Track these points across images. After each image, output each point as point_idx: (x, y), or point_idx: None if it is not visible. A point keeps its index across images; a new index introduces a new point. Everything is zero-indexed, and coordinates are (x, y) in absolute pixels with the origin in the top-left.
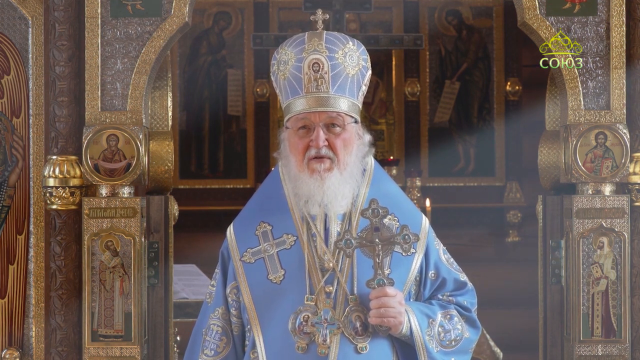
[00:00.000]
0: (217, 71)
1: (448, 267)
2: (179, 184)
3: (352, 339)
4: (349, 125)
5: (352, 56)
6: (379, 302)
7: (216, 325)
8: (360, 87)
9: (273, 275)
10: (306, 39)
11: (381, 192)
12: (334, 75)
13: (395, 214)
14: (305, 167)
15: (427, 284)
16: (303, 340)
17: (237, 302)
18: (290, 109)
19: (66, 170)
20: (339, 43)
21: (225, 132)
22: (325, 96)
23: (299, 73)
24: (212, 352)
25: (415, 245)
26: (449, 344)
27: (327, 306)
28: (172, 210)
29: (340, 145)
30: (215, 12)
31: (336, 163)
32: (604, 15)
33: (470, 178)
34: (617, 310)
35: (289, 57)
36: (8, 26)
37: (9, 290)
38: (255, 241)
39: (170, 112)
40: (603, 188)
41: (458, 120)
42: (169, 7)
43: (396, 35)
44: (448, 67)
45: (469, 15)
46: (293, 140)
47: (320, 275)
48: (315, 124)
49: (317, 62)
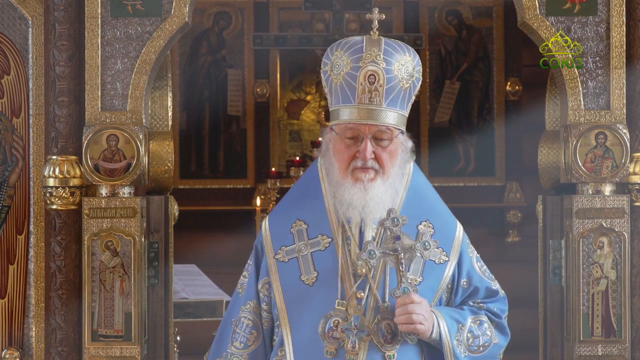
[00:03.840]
0: (217, 71)
1: (480, 275)
2: (179, 184)
3: (380, 346)
4: (397, 137)
5: (407, 68)
6: (405, 309)
7: (247, 319)
8: (411, 98)
9: (306, 277)
10: (365, 47)
11: (417, 197)
12: (388, 88)
13: (430, 220)
14: (349, 175)
15: (458, 292)
16: (332, 345)
17: (269, 298)
18: (340, 115)
19: (66, 170)
20: (397, 54)
21: (225, 132)
22: (377, 109)
23: (353, 82)
24: (241, 344)
25: (448, 254)
26: (477, 350)
27: (357, 312)
28: (172, 210)
29: (386, 158)
30: (215, 12)
31: (380, 174)
32: (604, 15)
33: (470, 178)
34: (617, 310)
35: (345, 63)
36: (8, 26)
37: (9, 290)
38: (290, 239)
39: (170, 112)
40: (603, 188)
41: (458, 120)
42: (169, 7)
43: (396, 35)
44: (448, 67)
45: (469, 15)
46: (339, 147)
47: (352, 280)
48: (364, 135)
49: (374, 74)
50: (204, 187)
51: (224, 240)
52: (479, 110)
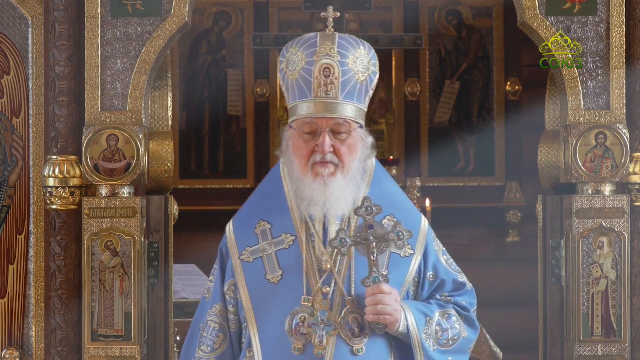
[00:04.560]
0: (217, 71)
1: (447, 268)
2: (179, 184)
3: (348, 340)
4: (355, 131)
5: (362, 61)
6: (374, 299)
7: (213, 322)
8: (368, 92)
9: (271, 275)
10: (318, 41)
11: (381, 192)
12: (344, 81)
13: (394, 214)
14: (309, 170)
15: (425, 286)
16: (299, 341)
17: (235, 300)
18: (297, 111)
19: (66, 170)
20: (351, 48)
21: (225, 132)
22: (333, 102)
23: (309, 76)
24: (208, 348)
25: (413, 247)
26: (447, 343)
27: (324, 307)
28: (172, 210)
29: (345, 151)
30: (215, 12)
31: (340, 168)
32: (604, 15)
33: (470, 178)
34: (617, 310)
35: (300, 59)
36: (8, 26)
37: (9, 290)
38: (254, 240)
39: (170, 112)
40: (603, 188)
41: (458, 120)
42: (169, 7)
43: (396, 35)
44: (448, 67)
45: (469, 15)
46: (298, 143)
47: (317, 276)
48: (322, 129)
49: (329, 67)
50: (204, 187)
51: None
52: (479, 110)
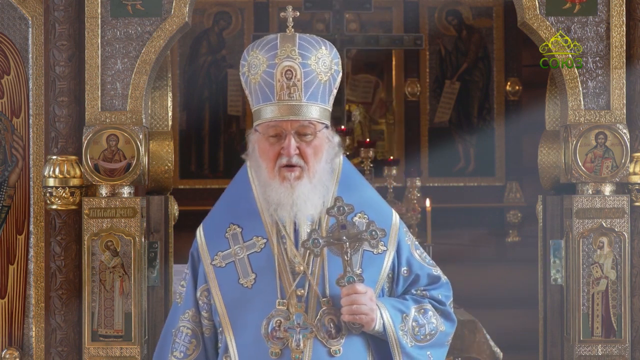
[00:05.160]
0: (217, 71)
1: (420, 262)
2: (179, 184)
3: (325, 342)
4: (320, 132)
5: (324, 61)
6: (350, 300)
7: (186, 328)
8: (332, 91)
9: (244, 280)
10: (279, 43)
11: (350, 191)
12: (307, 82)
13: (365, 211)
14: (276, 174)
15: (399, 281)
16: (276, 345)
17: (209, 305)
18: (261, 114)
19: (66, 170)
20: (312, 48)
21: (225, 132)
22: (297, 104)
23: (270, 79)
24: (181, 354)
25: (386, 243)
26: (424, 338)
27: (299, 310)
28: (172, 210)
29: (310, 153)
30: (215, 12)
31: (306, 171)
32: (604, 15)
33: (470, 178)
34: (617, 310)
35: (260, 62)
36: (8, 26)
37: (9, 290)
38: (225, 244)
39: (170, 112)
40: (603, 188)
41: (458, 120)
42: (169, 7)
43: (396, 35)
44: (448, 67)
45: (469, 15)
46: (263, 147)
47: (291, 278)
48: (287, 132)
49: (290, 69)
50: (204, 187)
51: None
52: (479, 110)
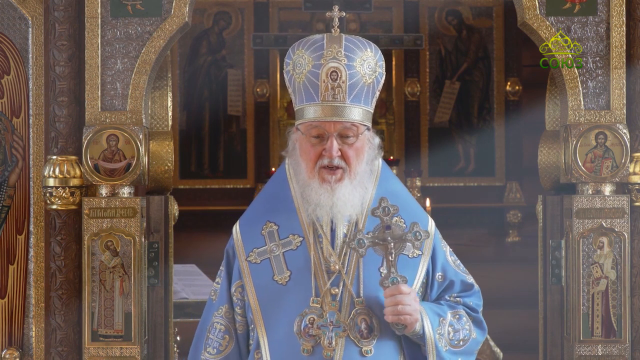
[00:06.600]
0: (217, 71)
1: (455, 269)
2: (179, 184)
3: (357, 341)
4: (362, 134)
5: (369, 64)
6: (394, 300)
7: (219, 324)
8: (375, 93)
9: (279, 276)
10: (325, 44)
11: (387, 193)
12: (351, 84)
13: (401, 215)
14: (316, 174)
15: (434, 286)
16: (308, 342)
17: (242, 301)
18: (304, 114)
19: (66, 170)
20: (358, 50)
21: (225, 132)
22: (341, 106)
23: (316, 80)
24: (214, 350)
25: (421, 248)
26: (458, 344)
27: (332, 309)
28: (172, 210)
29: (352, 155)
30: (215, 12)
31: (347, 173)
32: (604, 15)
33: (470, 178)
34: (617, 310)
35: (306, 61)
36: (8, 26)
37: (9, 290)
38: (261, 241)
39: (170, 112)
40: (603, 188)
41: (458, 120)
42: (169, 7)
43: (396, 35)
44: (448, 67)
45: (469, 15)
46: (305, 147)
47: (326, 277)
48: (330, 133)
49: (336, 70)
50: (204, 187)
51: (224, 240)
52: (479, 110)
